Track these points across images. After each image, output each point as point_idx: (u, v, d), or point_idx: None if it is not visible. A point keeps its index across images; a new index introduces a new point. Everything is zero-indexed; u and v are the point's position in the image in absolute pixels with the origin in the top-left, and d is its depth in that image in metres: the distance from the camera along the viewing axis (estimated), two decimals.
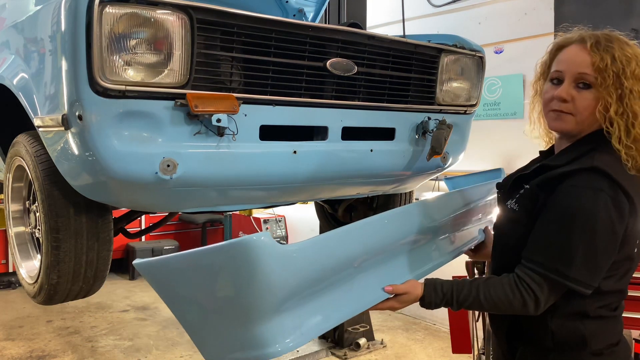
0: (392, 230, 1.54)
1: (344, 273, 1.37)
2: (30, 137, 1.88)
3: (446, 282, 1.36)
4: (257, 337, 1.19)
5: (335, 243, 1.34)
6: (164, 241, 6.48)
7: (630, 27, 3.39)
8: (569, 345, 1.28)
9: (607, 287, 1.26)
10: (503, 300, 1.26)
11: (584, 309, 1.26)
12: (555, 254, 1.22)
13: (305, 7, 3.15)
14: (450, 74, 2.28)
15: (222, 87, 1.68)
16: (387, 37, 2.05)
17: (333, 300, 1.35)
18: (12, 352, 4.06)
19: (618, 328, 1.34)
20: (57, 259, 1.79)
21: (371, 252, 1.45)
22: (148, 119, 1.54)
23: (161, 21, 1.50)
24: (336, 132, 1.96)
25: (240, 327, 1.19)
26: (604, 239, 1.19)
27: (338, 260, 1.35)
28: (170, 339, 4.38)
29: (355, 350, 4.10)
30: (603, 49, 1.26)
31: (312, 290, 1.29)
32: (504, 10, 4.22)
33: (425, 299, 1.35)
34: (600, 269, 1.22)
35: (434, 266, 1.74)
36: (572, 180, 1.22)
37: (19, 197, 2.14)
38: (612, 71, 1.24)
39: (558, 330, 1.28)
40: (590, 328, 1.27)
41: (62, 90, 1.51)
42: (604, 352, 1.28)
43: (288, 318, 1.23)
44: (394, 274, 1.49)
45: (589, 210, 1.18)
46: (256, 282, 1.13)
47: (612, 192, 1.19)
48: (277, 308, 1.20)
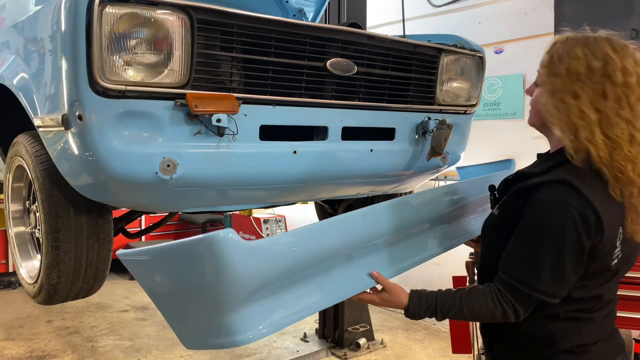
0: (373, 225, 1.59)
1: (322, 265, 1.44)
2: (30, 137, 1.88)
3: (430, 293, 1.39)
4: (228, 325, 1.27)
5: (308, 238, 1.41)
6: (164, 241, 6.46)
7: (630, 27, 3.39)
8: (540, 343, 1.31)
9: (580, 294, 1.28)
10: (485, 312, 1.31)
11: (553, 312, 1.29)
12: (524, 266, 1.26)
13: (305, 7, 3.15)
14: (450, 74, 2.28)
15: (222, 87, 1.68)
16: (387, 37, 2.05)
17: (310, 290, 1.42)
18: (12, 352, 4.06)
19: (598, 329, 1.33)
20: (57, 259, 1.79)
21: (350, 246, 1.50)
22: (148, 119, 1.53)
23: (161, 21, 1.49)
24: (336, 132, 1.96)
25: (212, 315, 1.28)
26: (571, 253, 1.21)
27: (313, 255, 1.41)
28: (170, 339, 4.38)
29: (355, 350, 4.10)
30: (550, 49, 1.33)
31: (286, 281, 1.36)
32: (504, 10, 4.22)
33: (410, 309, 1.40)
34: (567, 280, 1.24)
35: (424, 258, 1.78)
36: (542, 192, 1.24)
37: (19, 197, 2.14)
38: (547, 68, 1.32)
39: (529, 329, 1.32)
40: (560, 328, 1.29)
41: (62, 90, 1.51)
42: (575, 351, 1.29)
43: (259, 307, 1.31)
44: (380, 265, 1.56)
45: (557, 224, 1.20)
46: (222, 276, 1.22)
47: (580, 206, 1.20)
48: (247, 298, 1.28)
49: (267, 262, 1.31)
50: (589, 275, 1.26)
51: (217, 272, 1.22)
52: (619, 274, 1.34)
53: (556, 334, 1.29)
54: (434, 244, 1.87)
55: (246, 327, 1.29)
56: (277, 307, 1.36)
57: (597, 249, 1.22)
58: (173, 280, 1.33)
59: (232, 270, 1.22)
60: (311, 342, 4.31)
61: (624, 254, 1.30)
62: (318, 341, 4.32)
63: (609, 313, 1.36)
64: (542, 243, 1.22)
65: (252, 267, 1.26)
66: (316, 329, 4.46)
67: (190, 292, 1.30)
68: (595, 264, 1.25)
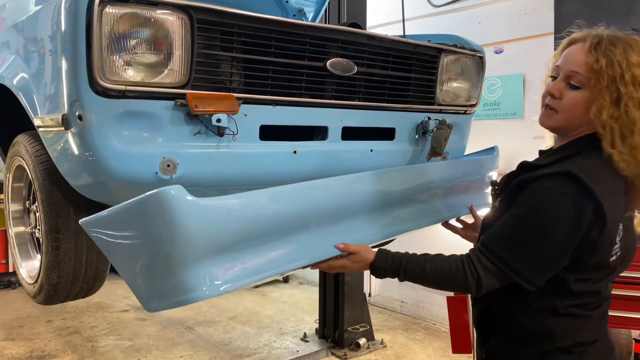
0: (340, 195, 1.62)
1: (285, 230, 1.46)
2: (30, 137, 1.88)
3: (398, 252, 1.40)
4: (183, 282, 1.27)
5: (266, 202, 1.42)
6: None
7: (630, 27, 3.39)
8: (537, 339, 1.29)
9: (580, 288, 1.27)
10: (447, 275, 1.29)
11: (553, 305, 1.27)
12: (506, 244, 1.25)
13: (305, 7, 3.15)
14: (450, 74, 2.28)
15: (222, 87, 1.68)
16: (387, 37, 2.05)
17: (274, 252, 1.44)
18: (12, 352, 4.06)
19: (595, 328, 1.32)
20: (57, 259, 1.79)
21: (317, 214, 1.53)
22: (148, 119, 1.54)
23: (161, 21, 1.50)
24: (336, 132, 1.96)
25: (167, 273, 1.28)
26: (554, 243, 1.20)
27: (272, 218, 1.43)
28: (170, 339, 4.38)
29: (355, 350, 4.10)
30: (602, 51, 1.24)
31: (246, 242, 1.38)
32: (504, 10, 4.22)
33: (375, 264, 1.40)
34: (545, 268, 1.23)
35: (394, 232, 1.81)
36: (544, 181, 1.23)
37: (19, 197, 2.14)
38: (608, 74, 1.23)
39: (527, 323, 1.30)
40: (559, 324, 1.28)
41: (62, 90, 1.51)
42: (572, 350, 1.28)
43: (217, 265, 1.32)
44: (349, 235, 1.60)
45: (548, 212, 1.20)
46: (171, 232, 1.23)
47: (578, 200, 1.18)
48: (201, 255, 1.28)
49: (220, 221, 1.31)
50: (590, 268, 1.25)
51: (166, 228, 1.24)
52: (616, 272, 1.34)
53: (555, 330, 1.27)
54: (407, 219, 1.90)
55: (202, 283, 1.29)
56: (236, 266, 1.37)
57: (597, 243, 1.21)
58: (127, 239, 1.34)
59: (181, 227, 1.23)
60: (311, 342, 4.31)
61: (622, 253, 1.30)
62: (318, 341, 4.32)
63: (605, 313, 1.35)
64: (529, 227, 1.22)
65: (202, 224, 1.26)
66: (316, 329, 4.46)
67: (144, 251, 1.31)
68: (596, 257, 1.24)
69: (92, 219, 1.39)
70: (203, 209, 1.28)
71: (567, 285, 1.26)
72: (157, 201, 1.23)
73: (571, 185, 1.19)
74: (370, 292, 4.85)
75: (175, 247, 1.25)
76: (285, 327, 4.71)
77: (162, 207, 1.22)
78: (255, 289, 5.85)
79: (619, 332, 3.38)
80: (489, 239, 1.29)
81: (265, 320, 4.86)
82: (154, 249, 1.28)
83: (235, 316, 4.97)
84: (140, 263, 1.33)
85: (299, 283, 6.13)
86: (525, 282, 1.24)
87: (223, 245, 1.33)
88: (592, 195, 1.18)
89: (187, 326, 4.69)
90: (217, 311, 5.10)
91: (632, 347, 3.38)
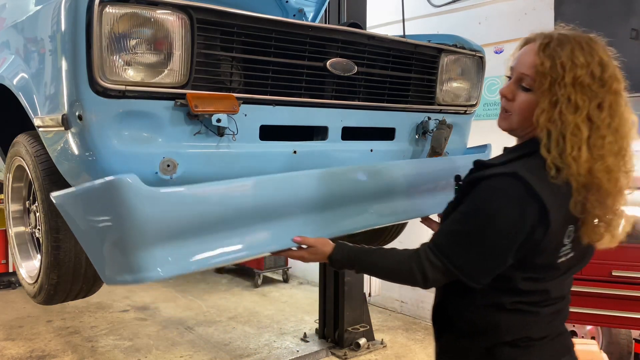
0: (296, 189, 1.68)
1: (243, 219, 1.54)
2: (30, 137, 1.88)
3: (355, 246, 1.45)
4: (139, 262, 1.37)
5: (222, 194, 1.51)
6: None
7: (630, 27, 3.39)
8: (484, 333, 1.31)
9: (527, 286, 1.27)
10: (396, 269, 1.34)
11: (500, 301, 1.28)
12: (451, 240, 1.27)
13: (305, 7, 3.15)
14: (450, 74, 2.28)
15: (222, 87, 1.68)
16: (387, 37, 2.05)
17: (230, 240, 1.53)
18: (12, 352, 4.06)
19: (545, 325, 1.31)
20: (57, 259, 1.79)
21: (278, 206, 1.61)
22: (148, 119, 1.53)
23: (161, 21, 1.49)
24: (336, 132, 1.96)
25: (121, 253, 1.38)
26: (496, 242, 1.21)
27: (227, 210, 1.51)
28: (170, 339, 4.38)
29: (355, 350, 4.11)
30: (549, 52, 1.22)
31: (202, 230, 1.46)
32: (504, 10, 4.22)
33: (332, 257, 1.45)
34: (488, 267, 1.24)
35: (355, 228, 1.86)
36: (492, 180, 1.23)
37: (19, 197, 2.14)
38: (550, 76, 1.21)
39: (475, 318, 1.32)
40: (506, 319, 1.28)
41: (62, 90, 1.51)
42: (519, 344, 1.28)
43: (173, 248, 1.41)
44: (309, 228, 1.67)
45: (492, 212, 1.21)
46: (124, 216, 1.33)
47: (522, 201, 1.18)
48: (153, 240, 1.38)
49: (173, 209, 1.40)
50: (537, 268, 1.25)
51: (120, 212, 1.34)
52: (570, 272, 1.33)
53: (501, 325, 1.28)
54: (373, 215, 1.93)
55: (156, 265, 1.38)
56: (192, 250, 1.46)
57: (542, 244, 1.21)
58: (88, 216, 1.45)
59: (133, 212, 1.33)
60: (311, 342, 4.32)
61: (576, 254, 1.29)
62: (318, 341, 4.32)
63: (558, 311, 1.34)
64: (473, 226, 1.23)
65: (155, 211, 1.36)
66: (316, 329, 4.46)
67: (102, 230, 1.40)
68: (542, 258, 1.24)
69: (61, 193, 1.52)
70: (157, 197, 1.37)
71: (513, 283, 1.26)
72: (114, 186, 1.33)
73: (516, 186, 1.19)
74: (370, 292, 4.86)
75: (128, 230, 1.35)
76: (285, 327, 4.71)
77: (118, 192, 1.33)
78: (255, 289, 5.86)
79: (618, 332, 3.38)
80: (437, 234, 1.31)
81: (265, 320, 4.86)
82: (110, 229, 1.38)
83: (235, 316, 4.98)
84: (98, 240, 1.43)
85: (299, 283, 6.13)
86: (469, 279, 1.25)
87: (176, 231, 1.42)
88: (536, 197, 1.18)
89: (187, 326, 4.69)
90: (217, 311, 5.10)
91: (632, 347, 3.39)
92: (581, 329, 3.51)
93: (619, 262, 3.04)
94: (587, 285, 3.08)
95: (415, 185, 2.05)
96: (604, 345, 3.38)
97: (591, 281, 3.08)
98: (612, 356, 3.23)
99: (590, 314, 3.10)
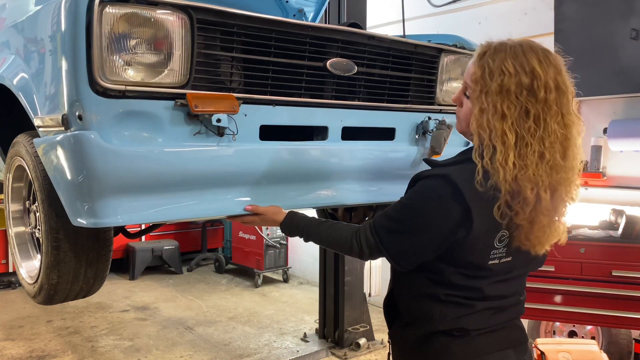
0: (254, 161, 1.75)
1: (199, 184, 1.65)
2: (30, 137, 1.88)
3: (305, 217, 1.60)
4: (102, 208, 1.52)
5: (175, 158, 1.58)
6: (164, 241, 6.47)
7: (630, 27, 3.39)
8: (421, 322, 1.38)
9: (458, 281, 1.33)
10: (338, 240, 1.48)
11: (435, 292, 1.35)
12: (385, 223, 1.38)
13: (305, 7, 3.15)
14: (450, 74, 2.28)
15: (222, 87, 1.68)
16: (387, 37, 2.05)
17: (187, 199, 1.65)
18: (12, 352, 4.06)
19: (481, 318, 1.35)
20: (57, 259, 1.79)
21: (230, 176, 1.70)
22: (148, 119, 1.54)
23: (161, 21, 1.50)
24: (336, 132, 1.96)
25: (84, 198, 1.53)
26: (420, 234, 1.31)
27: (183, 173, 1.60)
28: (170, 339, 4.38)
29: (356, 350, 4.11)
30: (482, 61, 1.27)
31: (161, 187, 1.58)
32: (504, 10, 4.22)
33: (283, 223, 1.62)
34: (409, 255, 1.34)
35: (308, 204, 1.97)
36: (428, 179, 1.33)
37: (19, 197, 2.14)
38: (480, 84, 1.27)
39: (414, 307, 1.40)
40: (440, 309, 1.35)
41: (62, 90, 1.51)
42: (454, 333, 1.34)
43: (126, 200, 1.54)
44: (263, 198, 1.77)
45: (420, 207, 1.32)
46: (86, 167, 1.48)
47: (448, 201, 1.27)
48: (115, 190, 1.52)
49: (128, 165, 1.51)
50: (466, 265, 1.32)
51: (81, 163, 1.48)
52: (512, 274, 1.37)
53: (436, 315, 1.35)
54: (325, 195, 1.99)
55: (117, 213, 1.54)
56: (150, 204, 1.58)
57: (468, 243, 1.27)
58: (60, 166, 1.57)
59: (93, 164, 1.47)
60: (311, 342, 4.32)
61: (518, 259, 1.34)
62: (318, 341, 4.32)
63: (502, 308, 1.37)
64: (404, 215, 1.34)
65: (112, 165, 1.48)
66: (316, 329, 4.46)
67: (73, 178, 1.54)
68: (473, 256, 1.30)
69: (42, 139, 1.67)
70: (114, 152, 1.48)
71: (445, 276, 1.33)
72: (79, 140, 1.46)
73: (445, 187, 1.27)
74: (370, 292, 4.85)
75: (91, 179, 1.49)
76: (285, 327, 4.71)
77: (82, 145, 1.46)
78: (255, 289, 5.86)
79: (618, 332, 3.38)
80: (379, 215, 1.42)
81: (265, 320, 4.86)
82: (75, 178, 1.53)
83: (235, 316, 4.98)
84: (68, 186, 1.57)
85: (299, 283, 6.13)
86: (393, 261, 1.37)
87: (133, 185, 1.54)
88: (462, 199, 1.25)
89: (187, 326, 4.69)
90: (217, 311, 5.10)
91: (632, 347, 3.38)
92: (581, 329, 3.51)
93: (619, 262, 3.04)
94: (587, 285, 3.09)
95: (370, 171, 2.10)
96: (604, 345, 3.37)
97: (591, 281, 3.08)
98: (612, 356, 3.23)
99: (590, 314, 3.10)
